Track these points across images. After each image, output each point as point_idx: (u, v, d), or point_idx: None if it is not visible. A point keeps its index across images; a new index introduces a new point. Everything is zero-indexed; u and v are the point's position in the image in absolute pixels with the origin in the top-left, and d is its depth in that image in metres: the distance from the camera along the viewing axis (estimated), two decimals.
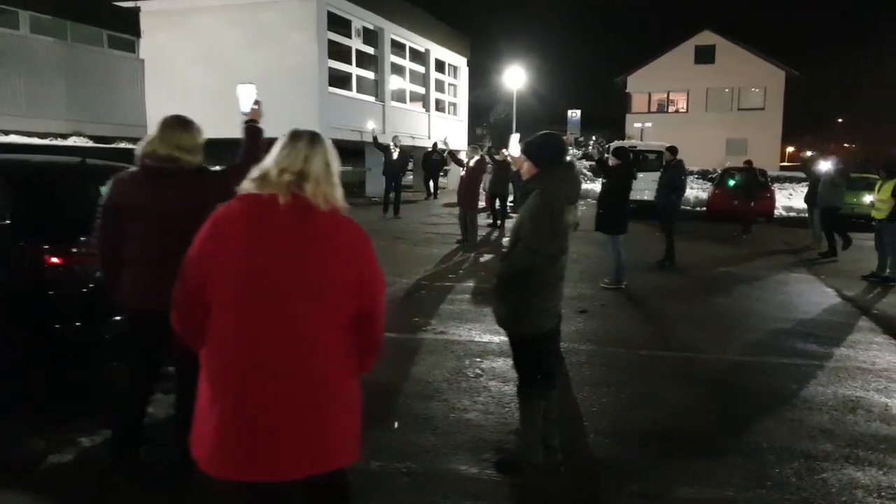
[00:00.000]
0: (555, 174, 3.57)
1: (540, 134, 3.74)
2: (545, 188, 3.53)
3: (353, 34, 20.89)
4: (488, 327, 6.47)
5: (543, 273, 3.53)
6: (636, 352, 6.01)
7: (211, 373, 2.15)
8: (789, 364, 5.84)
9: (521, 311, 3.56)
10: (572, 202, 3.66)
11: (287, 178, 2.13)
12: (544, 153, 3.62)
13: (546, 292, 3.58)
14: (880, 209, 9.82)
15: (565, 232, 3.61)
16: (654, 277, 9.72)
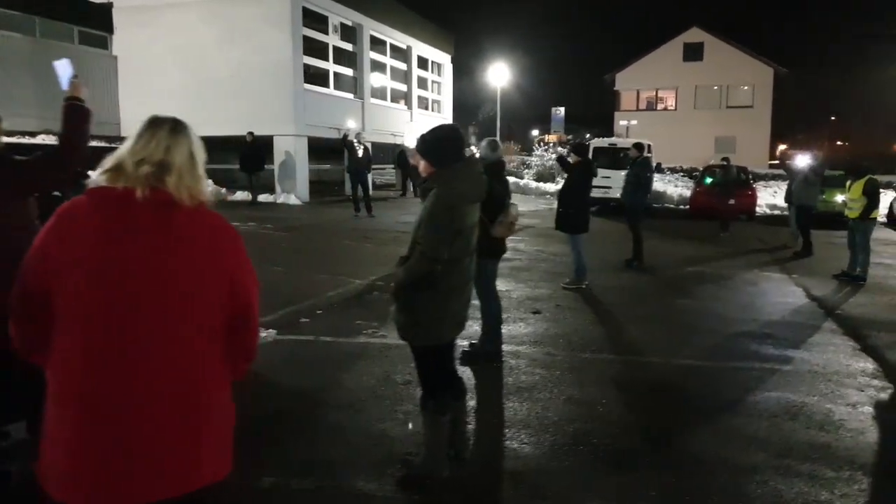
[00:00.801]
0: (453, 172, 3.31)
1: (435, 128, 3.45)
2: (442, 188, 3.28)
3: (330, 30, 20.62)
4: None
5: (445, 278, 3.28)
6: (580, 355, 5.77)
7: (58, 392, 1.87)
8: (741, 368, 5.61)
9: (421, 319, 3.31)
10: (474, 202, 3.41)
11: (146, 170, 1.88)
12: (439, 150, 3.35)
13: (448, 299, 3.33)
14: (852, 208, 9.63)
15: (468, 234, 3.37)
16: (620, 277, 9.49)
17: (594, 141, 20.86)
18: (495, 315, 5.63)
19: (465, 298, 3.47)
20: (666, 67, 41.55)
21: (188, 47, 18.45)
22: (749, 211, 18.15)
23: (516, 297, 7.95)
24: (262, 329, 6.03)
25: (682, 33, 42.04)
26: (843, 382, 5.27)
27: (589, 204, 8.77)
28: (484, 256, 5.49)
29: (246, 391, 4.71)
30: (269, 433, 4.04)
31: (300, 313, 6.71)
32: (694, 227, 16.26)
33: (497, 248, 5.54)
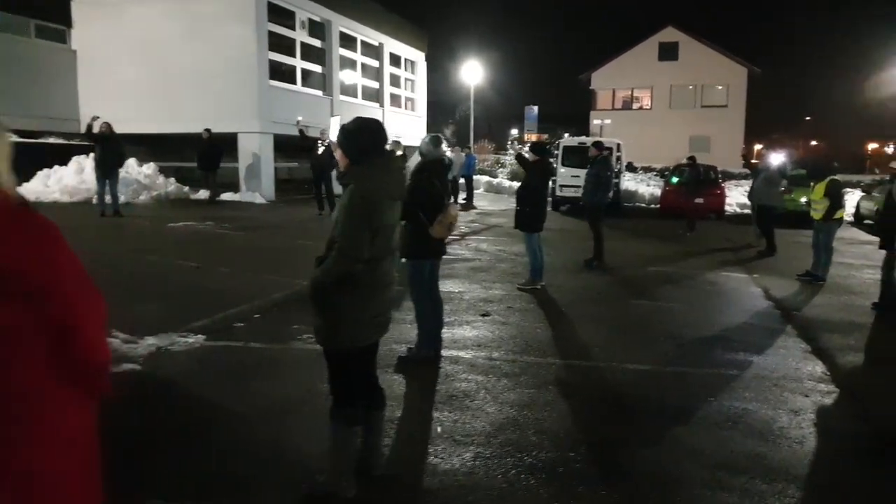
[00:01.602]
0: (371, 167, 3.07)
1: (355, 119, 3.23)
2: (357, 183, 3.04)
3: (297, 26, 20.28)
4: None
5: (363, 279, 3.05)
6: (522, 359, 5.55)
7: None
8: (688, 373, 5.43)
9: (336, 322, 3.08)
10: (395, 199, 3.18)
11: None
12: (356, 142, 3.12)
13: (368, 300, 3.10)
14: (816, 209, 9.53)
15: (388, 233, 3.14)
16: (578, 277, 9.30)
17: (564, 140, 20.70)
18: (434, 319, 5.40)
19: (386, 300, 3.25)
20: (641, 67, 41.61)
21: (150, 42, 18.03)
22: (718, 210, 18.11)
23: (468, 298, 7.72)
24: (189, 334, 5.75)
25: (658, 32, 42.14)
26: (790, 387, 5.10)
27: (545, 203, 8.57)
28: (421, 257, 5.28)
29: (152, 403, 4.46)
30: (170, 450, 3.77)
31: (236, 317, 6.43)
32: (662, 226, 16.16)
33: (435, 249, 5.31)
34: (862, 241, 14.36)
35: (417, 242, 5.19)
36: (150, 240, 11.13)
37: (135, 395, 4.51)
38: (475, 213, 18.34)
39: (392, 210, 3.17)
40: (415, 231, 5.16)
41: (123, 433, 3.89)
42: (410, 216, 5.12)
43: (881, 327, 7.21)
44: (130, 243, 10.64)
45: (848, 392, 5.10)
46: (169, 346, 5.46)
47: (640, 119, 41.74)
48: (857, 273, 10.33)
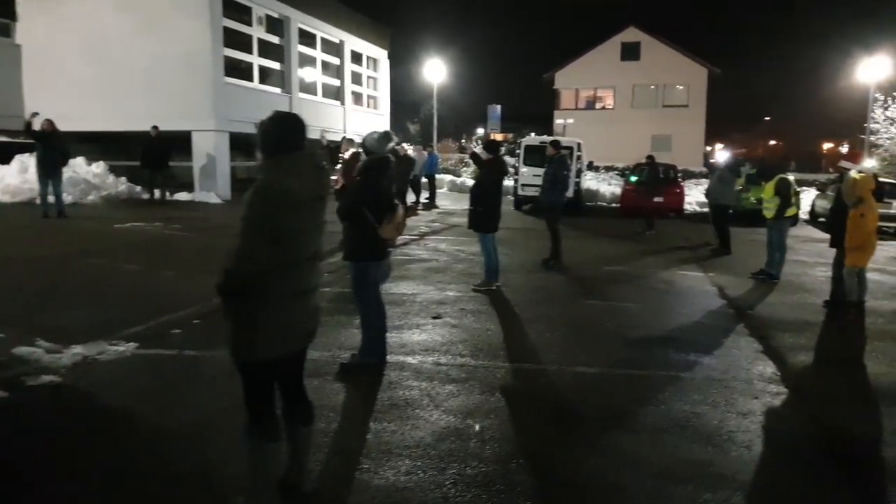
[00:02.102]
0: (280, 164, 2.86)
1: (272, 113, 3.01)
2: (262, 180, 2.83)
3: (254, 22, 19.87)
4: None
5: (274, 286, 2.83)
6: (471, 363, 5.38)
7: None
8: (638, 376, 5.32)
9: (245, 332, 2.86)
10: (306, 200, 2.92)
11: None
12: (266, 137, 2.91)
13: (282, 309, 2.87)
14: (767, 208, 9.56)
15: (301, 235, 2.91)
16: (534, 278, 9.18)
17: (525, 139, 20.63)
18: (377, 324, 5.20)
19: (307, 308, 3.02)
20: (604, 67, 41.84)
21: (99, 36, 17.48)
22: (677, 209, 18.21)
23: (420, 300, 7.53)
24: (120, 342, 5.46)
25: (620, 33, 42.40)
26: (740, 389, 5.02)
27: (499, 203, 8.41)
28: (368, 259, 5.07)
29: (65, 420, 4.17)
30: (78, 472, 3.51)
31: (173, 323, 6.14)
32: (622, 225, 16.16)
33: (381, 251, 5.10)
34: (816, 239, 14.52)
35: (364, 244, 4.98)
36: (93, 242, 10.69)
37: (49, 411, 4.24)
38: (436, 213, 18.15)
39: (307, 210, 2.92)
40: (361, 232, 4.95)
41: (21, 456, 3.64)
42: (357, 216, 4.92)
43: (832, 325, 7.22)
44: (72, 245, 10.20)
45: (797, 393, 5.04)
46: (96, 356, 5.16)
47: (604, 119, 41.97)
48: (810, 271, 10.40)
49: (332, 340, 5.77)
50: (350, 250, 5.02)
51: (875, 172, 9.11)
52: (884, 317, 7.54)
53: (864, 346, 6.43)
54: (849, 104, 30.00)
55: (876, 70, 20.41)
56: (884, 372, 5.60)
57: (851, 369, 5.76)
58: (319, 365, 5.20)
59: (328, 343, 5.70)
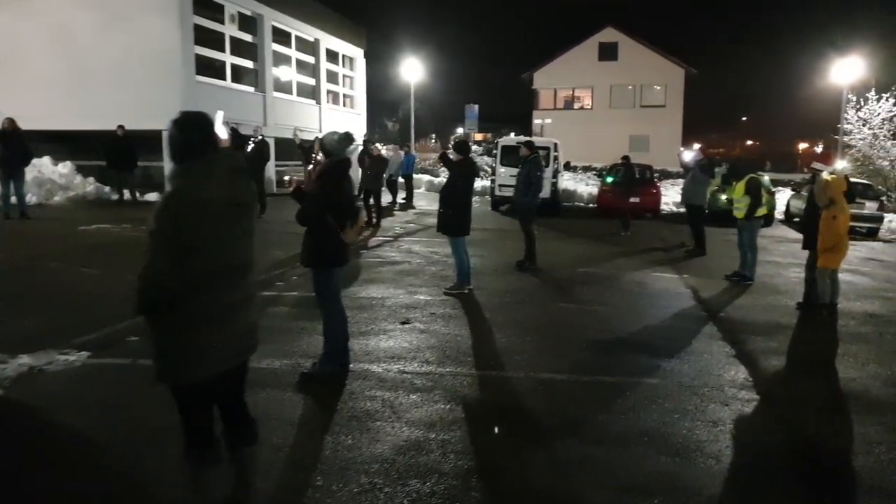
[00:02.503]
0: (190, 171, 2.65)
1: (176, 115, 2.79)
2: (171, 191, 2.62)
3: (226, 19, 19.51)
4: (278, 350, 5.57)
5: (197, 300, 2.63)
6: (437, 371, 5.22)
7: None
8: (606, 382, 5.19)
9: (168, 352, 2.67)
10: (221, 207, 2.66)
11: None
12: (179, 140, 2.71)
13: (205, 327, 2.67)
14: (738, 208, 9.51)
15: (214, 247, 2.66)
16: (507, 280, 9.04)
17: (502, 139, 20.52)
18: (339, 332, 5.02)
19: (239, 322, 2.82)
20: (582, 67, 41.95)
21: (64, 33, 17.01)
22: (653, 209, 18.20)
23: (390, 304, 7.36)
24: (72, 351, 5.23)
25: (597, 33, 42.55)
26: (710, 396, 4.92)
27: (470, 205, 8.26)
28: (329, 265, 4.89)
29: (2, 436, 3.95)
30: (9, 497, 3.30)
31: (130, 330, 5.89)
32: (598, 225, 16.10)
33: (342, 257, 4.93)
34: (791, 239, 14.56)
35: (326, 250, 4.80)
36: (55, 244, 10.37)
37: None
38: (413, 214, 17.96)
39: (226, 218, 2.69)
40: (322, 237, 4.77)
41: None
42: (318, 222, 4.74)
43: (804, 328, 7.16)
44: (32, 248, 9.89)
45: (768, 400, 4.95)
46: (45, 366, 4.93)
47: (582, 119, 42.10)
48: (784, 272, 10.39)
49: (294, 348, 5.58)
50: (310, 256, 4.84)
51: (847, 174, 9.11)
52: (855, 318, 7.51)
53: (835, 349, 6.37)
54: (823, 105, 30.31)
55: (849, 71, 20.58)
56: (855, 377, 5.54)
57: (823, 374, 5.69)
58: (280, 374, 5.03)
59: (290, 351, 5.52)
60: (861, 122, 20.33)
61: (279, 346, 5.65)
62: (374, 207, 14.52)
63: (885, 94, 20.27)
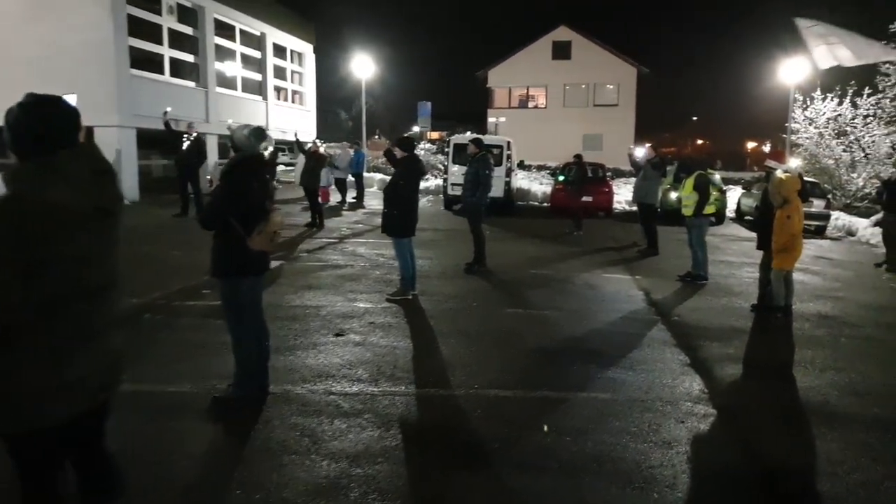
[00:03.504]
0: (40, 170, 2.10)
1: (23, 97, 2.23)
2: (11, 195, 2.06)
3: (164, 11, 18.62)
4: (188, 371, 5.01)
5: (43, 330, 2.09)
6: (368, 390, 4.73)
7: None
8: (553, 399, 4.77)
9: (3, 394, 2.11)
10: (79, 216, 2.14)
11: None
12: (21, 130, 2.15)
13: (54, 361, 2.13)
14: (687, 205, 9.26)
15: (70, 266, 2.13)
16: (455, 284, 8.59)
17: (454, 137, 20.08)
18: (253, 351, 4.47)
19: (98, 354, 2.28)
20: (536, 65, 41.82)
21: None
22: (606, 208, 18.00)
23: (325, 314, 6.83)
24: None
25: (551, 31, 42.47)
26: (664, 411, 4.55)
27: (415, 205, 7.79)
28: (236, 274, 4.35)
29: None
30: None
31: None
32: (551, 225, 15.80)
33: (255, 263, 4.38)
34: (743, 238, 14.51)
35: (231, 256, 4.26)
36: None
37: None
38: (362, 213, 17.38)
39: (87, 229, 2.18)
40: (227, 242, 4.23)
41: None
42: (222, 225, 4.21)
43: (760, 332, 6.89)
44: None
45: (726, 414, 4.60)
46: None
47: (536, 117, 41.98)
48: (737, 272, 10.19)
49: (207, 368, 5.01)
50: (216, 265, 4.29)
51: (800, 172, 8.93)
52: (810, 320, 7.28)
53: (792, 354, 6.10)
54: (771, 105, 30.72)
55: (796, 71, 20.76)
56: (813, 384, 5.25)
57: (781, 382, 5.39)
58: (190, 400, 4.48)
59: (205, 371, 4.96)
60: (807, 122, 20.53)
61: (192, 366, 5.09)
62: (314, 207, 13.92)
63: (830, 94, 20.50)
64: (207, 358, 5.23)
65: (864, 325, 7.17)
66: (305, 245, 11.46)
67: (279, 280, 8.43)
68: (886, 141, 18.58)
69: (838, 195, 19.78)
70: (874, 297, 8.71)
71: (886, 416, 4.65)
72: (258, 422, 4.15)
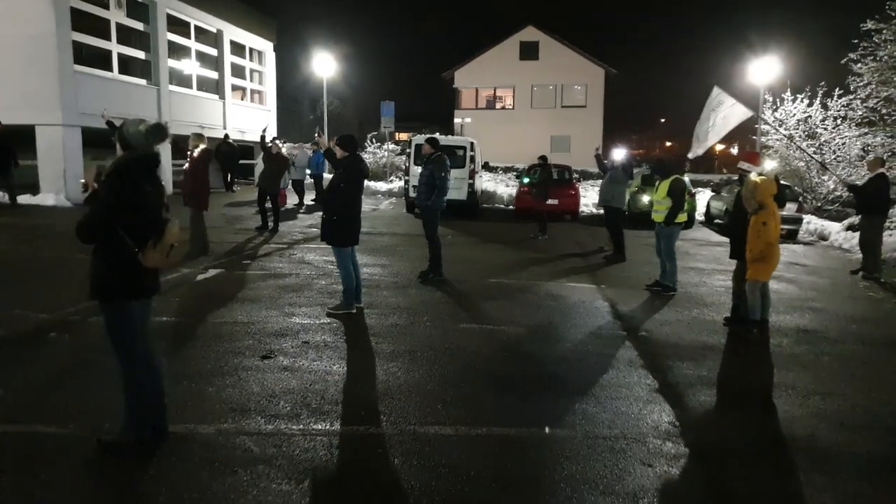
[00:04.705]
0: None
1: None
2: None
3: (111, 4, 17.66)
4: (71, 410, 4.26)
5: None
6: (285, 429, 4.02)
7: None
8: (502, 437, 4.13)
9: None
10: None
11: None
12: None
13: None
14: (658, 211, 8.67)
15: None
16: (407, 296, 7.90)
17: (415, 138, 19.39)
18: (147, 386, 3.74)
19: None
20: (503, 66, 41.35)
21: None
22: (572, 211, 17.48)
23: (254, 331, 6.10)
24: None
25: (518, 32, 42.03)
26: (629, 452, 3.92)
27: (359, 210, 7.11)
28: (124, 296, 3.60)
29: None
30: None
31: None
32: (515, 229, 15.20)
33: (144, 285, 3.65)
34: (713, 242, 14.06)
35: (119, 275, 3.53)
36: None
37: None
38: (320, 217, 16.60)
39: None
40: (114, 259, 3.51)
41: None
42: (107, 237, 3.48)
43: (734, 350, 6.31)
44: None
45: (699, 454, 3.99)
46: None
47: (504, 118, 41.52)
48: (708, 280, 9.67)
49: (105, 401, 4.25)
50: (100, 286, 3.56)
51: (777, 174, 8.42)
52: (788, 336, 6.74)
53: (771, 377, 5.53)
54: None
55: (765, 72, 20.49)
56: (797, 414, 4.67)
57: (761, 412, 4.79)
58: (70, 443, 3.74)
59: (97, 405, 4.21)
60: (777, 123, 20.25)
61: (85, 398, 4.34)
62: (270, 211, 13.20)
63: (800, 94, 20.25)
64: (110, 389, 4.47)
65: (846, 341, 6.64)
66: (251, 251, 10.68)
67: (212, 292, 7.68)
68: (857, 143, 18.32)
69: (809, 198, 19.52)
70: (853, 307, 8.23)
71: (880, 454, 4.07)
72: (147, 471, 3.43)
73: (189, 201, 9.79)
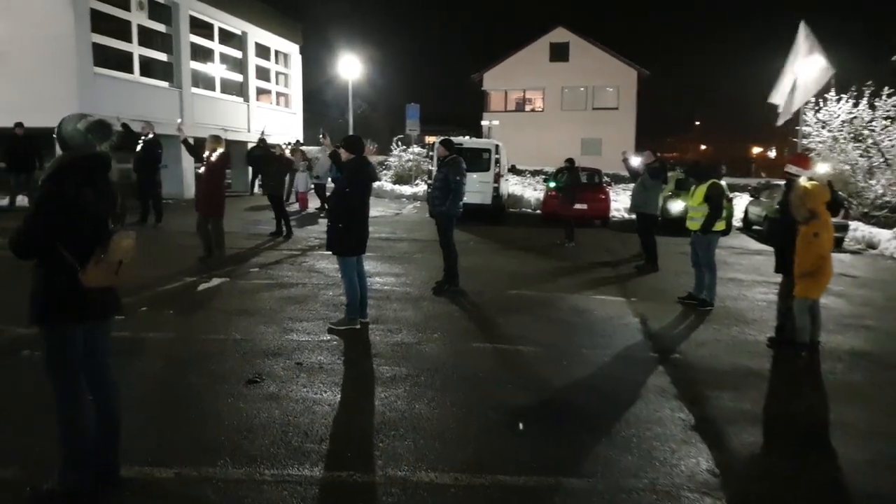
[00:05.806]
0: None
1: None
2: None
3: (133, 6, 17.45)
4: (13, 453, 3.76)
5: None
6: (260, 474, 3.46)
7: None
8: (507, 487, 3.52)
9: None
10: None
11: None
12: None
13: None
14: (693, 218, 7.94)
15: None
16: (418, 309, 7.32)
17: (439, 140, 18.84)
18: (88, 428, 3.20)
19: None
20: (533, 68, 40.61)
21: None
22: (602, 216, 16.74)
23: (245, 350, 5.57)
24: None
25: (548, 33, 41.26)
26: None
27: (366, 217, 6.56)
28: (62, 321, 3.08)
29: None
30: None
31: None
32: (541, 234, 14.53)
33: (93, 307, 3.13)
34: (752, 250, 13.24)
35: (56, 294, 3.03)
36: None
37: None
38: None
39: None
40: (51, 276, 3.00)
41: None
42: (42, 251, 2.99)
43: (781, 378, 5.60)
44: None
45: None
46: None
47: (533, 121, 40.76)
48: (748, 292, 8.90)
49: (42, 449, 3.73)
50: (34, 306, 3.05)
51: (830, 180, 7.64)
52: (841, 360, 5.99)
53: (826, 412, 4.82)
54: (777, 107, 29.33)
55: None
56: (858, 461, 3.97)
57: (815, 457, 4.09)
58: (5, 489, 3.22)
59: (33, 452, 3.69)
60: (820, 125, 19.22)
61: (40, 433, 3.83)
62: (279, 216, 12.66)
63: (845, 94, 19.18)
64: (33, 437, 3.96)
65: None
66: (262, 258, 10.22)
67: (210, 303, 7.20)
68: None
69: (855, 203, 18.46)
70: None
71: None
72: None
73: (203, 207, 9.35)
